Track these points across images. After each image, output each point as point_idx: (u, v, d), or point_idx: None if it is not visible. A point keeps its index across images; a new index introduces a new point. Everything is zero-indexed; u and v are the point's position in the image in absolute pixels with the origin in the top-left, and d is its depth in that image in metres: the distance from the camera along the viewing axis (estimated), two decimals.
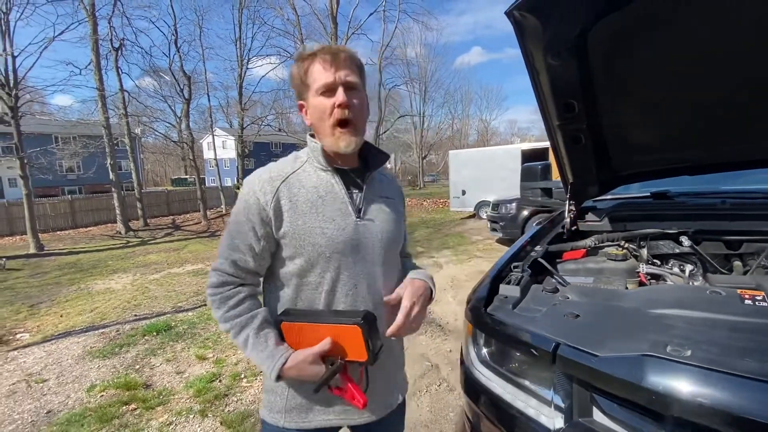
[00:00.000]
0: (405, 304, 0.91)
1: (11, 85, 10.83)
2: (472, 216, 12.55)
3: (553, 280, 1.30)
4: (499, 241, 8.27)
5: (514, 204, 7.59)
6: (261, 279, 0.98)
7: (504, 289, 1.22)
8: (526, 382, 1.02)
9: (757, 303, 0.94)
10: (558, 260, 1.60)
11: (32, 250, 11.10)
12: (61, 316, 5.09)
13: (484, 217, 11.19)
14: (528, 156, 11.48)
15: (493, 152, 12.93)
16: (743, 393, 0.67)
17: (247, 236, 0.90)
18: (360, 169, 1.00)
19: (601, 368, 0.80)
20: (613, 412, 0.84)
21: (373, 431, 1.02)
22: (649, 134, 1.54)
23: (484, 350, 1.16)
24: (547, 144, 12.49)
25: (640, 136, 1.56)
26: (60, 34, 12.15)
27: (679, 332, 0.86)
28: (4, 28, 11.16)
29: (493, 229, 8.07)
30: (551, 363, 0.90)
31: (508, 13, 1.20)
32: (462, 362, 1.24)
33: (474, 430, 1.16)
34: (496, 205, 8.05)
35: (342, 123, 0.89)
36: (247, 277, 0.93)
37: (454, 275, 5.91)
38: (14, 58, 11.02)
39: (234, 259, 0.91)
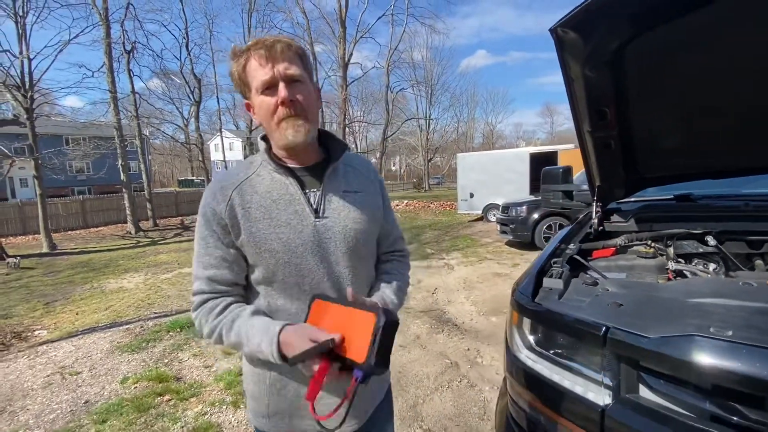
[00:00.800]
0: None
1: (27, 87, 11.07)
2: (480, 219, 12.64)
3: (590, 275, 1.40)
4: (509, 243, 8.36)
5: (524, 206, 7.68)
6: (243, 290, 0.93)
7: (548, 282, 1.32)
8: (574, 365, 1.12)
9: None
10: (589, 258, 1.70)
11: (45, 250, 11.29)
12: (76, 313, 5.22)
13: (492, 220, 11.29)
14: (536, 159, 11.58)
15: (502, 155, 13.04)
16: None
17: (216, 248, 0.87)
18: (320, 164, 0.94)
19: (653, 348, 0.91)
20: (659, 388, 0.94)
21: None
22: (676, 140, 1.65)
23: (530, 337, 1.26)
24: (555, 147, 12.60)
25: (667, 141, 1.67)
26: (75, 37, 12.42)
27: (719, 317, 0.96)
28: (20, 31, 11.42)
29: (503, 232, 8.15)
30: (602, 345, 1.01)
31: (552, 30, 1.32)
32: (507, 349, 1.35)
33: (521, 412, 1.27)
34: (506, 208, 8.14)
35: (287, 118, 0.84)
36: (228, 290, 0.89)
37: (466, 277, 6.00)
38: (30, 60, 11.27)
39: (209, 276, 0.88)
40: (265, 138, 0.94)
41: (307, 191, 0.90)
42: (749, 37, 1.23)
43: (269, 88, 0.82)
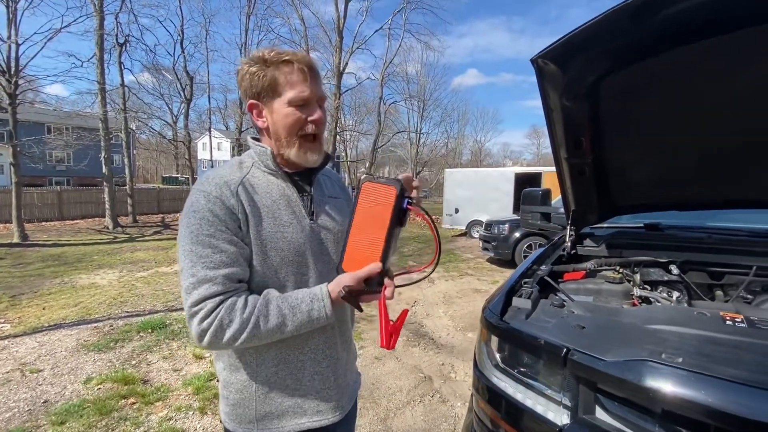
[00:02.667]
0: None
1: (12, 72, 10.79)
2: (464, 234, 12.78)
3: (558, 297, 1.45)
4: (490, 260, 8.46)
5: (506, 225, 7.82)
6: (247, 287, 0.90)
7: (517, 301, 1.36)
8: (536, 384, 1.15)
9: (736, 323, 1.10)
10: (560, 280, 1.75)
11: (16, 240, 10.88)
12: (43, 308, 5.03)
13: (476, 236, 11.43)
14: (521, 180, 11.83)
15: (488, 173, 13.28)
16: (726, 394, 0.83)
17: (229, 244, 0.83)
18: (305, 173, 0.98)
19: (607, 370, 0.95)
20: (614, 410, 0.98)
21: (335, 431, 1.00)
22: (647, 172, 1.73)
23: (497, 354, 1.29)
24: (539, 169, 12.91)
25: (639, 172, 1.75)
26: (66, 26, 12.18)
27: (672, 344, 1.01)
28: (11, 16, 11.17)
29: (485, 248, 8.27)
30: (562, 366, 1.04)
31: (533, 60, 1.38)
32: (475, 365, 1.37)
33: (484, 429, 1.29)
34: (489, 225, 8.26)
35: (311, 137, 0.90)
36: (239, 287, 0.85)
37: (446, 291, 6.04)
38: (18, 46, 11.02)
39: (224, 275, 0.82)
40: (256, 139, 0.97)
41: (301, 195, 0.96)
42: (715, 81, 1.32)
43: (303, 105, 0.87)
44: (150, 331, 4.10)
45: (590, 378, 1.00)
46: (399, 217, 0.85)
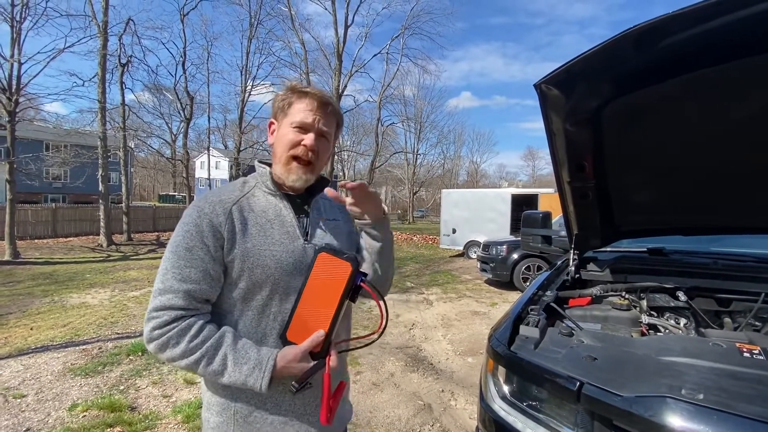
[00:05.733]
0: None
1: (13, 90, 10.87)
2: (461, 255, 12.72)
3: (566, 324, 1.40)
4: (488, 281, 8.38)
5: (504, 246, 7.78)
6: (211, 308, 0.92)
7: (524, 330, 1.32)
8: (547, 419, 1.10)
9: (754, 356, 1.06)
10: (565, 306, 1.71)
11: (7, 257, 10.68)
12: (31, 329, 4.88)
13: (473, 256, 11.37)
14: (518, 201, 11.88)
15: (485, 194, 13.35)
16: None
17: (202, 261, 0.86)
18: (305, 195, 1.03)
19: (625, 407, 0.90)
20: None
21: None
22: (651, 196, 1.72)
23: (505, 387, 1.24)
24: (536, 190, 13.00)
25: (642, 197, 1.74)
26: (70, 46, 12.34)
27: (690, 378, 0.97)
28: (15, 35, 11.34)
29: (483, 270, 8.20)
30: (575, 401, 0.99)
31: (537, 86, 1.39)
32: (481, 398, 1.31)
33: None
34: (487, 246, 8.22)
35: (299, 160, 0.95)
36: (201, 307, 0.88)
37: (445, 313, 5.94)
38: (21, 64, 11.13)
39: (187, 290, 0.85)
40: (264, 163, 1.03)
41: (298, 215, 0.99)
42: (718, 107, 1.32)
43: (302, 128, 0.94)
44: (140, 354, 3.97)
45: (606, 414, 0.95)
46: (351, 293, 0.87)
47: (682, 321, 1.64)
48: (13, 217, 11.12)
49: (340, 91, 20.86)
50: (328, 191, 0.98)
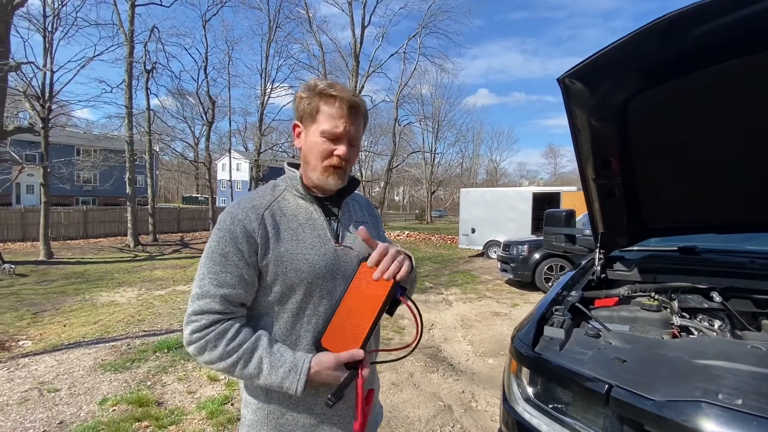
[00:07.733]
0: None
1: (46, 98, 11.39)
2: (481, 255, 12.56)
3: (592, 325, 1.36)
4: (509, 282, 8.25)
5: (525, 246, 7.63)
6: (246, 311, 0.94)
7: (549, 330, 1.28)
8: (573, 422, 1.06)
9: None
10: (591, 307, 1.66)
11: (42, 257, 11.21)
12: (64, 326, 5.10)
13: (493, 256, 11.22)
14: (539, 199, 11.65)
15: (505, 193, 13.14)
16: None
17: (237, 267, 0.87)
18: (335, 197, 1.02)
19: (657, 411, 0.86)
20: None
21: None
22: (681, 193, 1.65)
23: (529, 388, 1.21)
24: (558, 188, 12.71)
25: (672, 193, 1.67)
26: (98, 54, 12.79)
27: (727, 382, 0.92)
28: (47, 45, 11.89)
29: (503, 270, 8.06)
30: (604, 404, 0.96)
31: (560, 80, 1.35)
32: (504, 399, 1.29)
33: None
34: (507, 246, 8.08)
35: (335, 168, 0.94)
36: (237, 311, 0.90)
37: (464, 314, 5.88)
38: (53, 73, 11.66)
39: (223, 294, 0.87)
40: (293, 165, 1.03)
41: (328, 218, 0.99)
42: (752, 98, 1.25)
43: (333, 139, 0.92)
44: (166, 351, 4.09)
45: (636, 419, 0.91)
46: (390, 306, 0.88)
47: (717, 323, 1.57)
48: (47, 219, 11.66)
49: (358, 91, 20.93)
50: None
